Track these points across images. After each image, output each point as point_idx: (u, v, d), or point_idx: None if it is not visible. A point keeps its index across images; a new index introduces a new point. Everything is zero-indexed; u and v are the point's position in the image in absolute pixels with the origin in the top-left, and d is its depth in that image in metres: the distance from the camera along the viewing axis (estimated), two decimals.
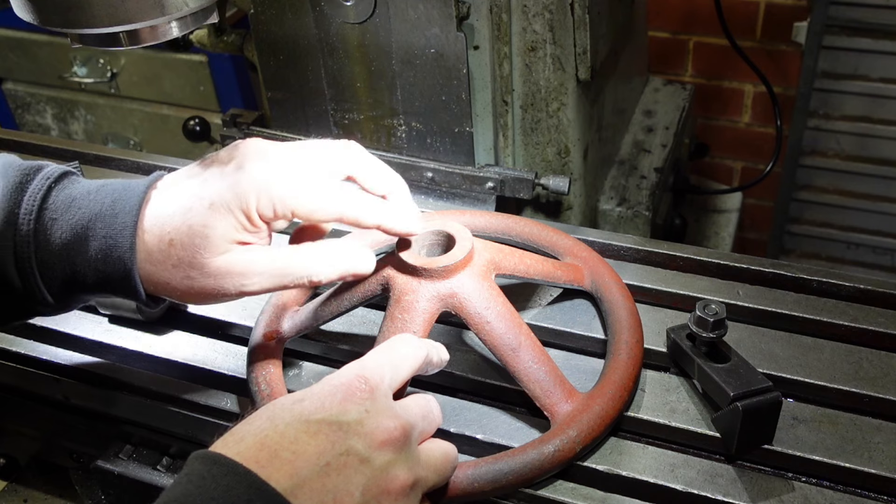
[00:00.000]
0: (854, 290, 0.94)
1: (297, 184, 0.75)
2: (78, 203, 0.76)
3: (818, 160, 2.39)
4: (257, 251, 0.76)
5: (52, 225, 0.75)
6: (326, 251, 0.78)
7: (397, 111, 1.20)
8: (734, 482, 0.77)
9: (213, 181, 0.75)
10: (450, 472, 0.73)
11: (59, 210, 0.75)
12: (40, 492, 1.08)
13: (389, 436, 0.66)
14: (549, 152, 1.26)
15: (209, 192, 0.74)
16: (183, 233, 0.73)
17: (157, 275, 0.75)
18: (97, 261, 0.74)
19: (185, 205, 0.74)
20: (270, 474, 0.60)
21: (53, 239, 0.75)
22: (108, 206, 0.75)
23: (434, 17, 1.09)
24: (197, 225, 0.73)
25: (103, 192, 0.76)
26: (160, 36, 0.76)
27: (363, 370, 0.70)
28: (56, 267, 0.75)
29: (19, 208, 0.75)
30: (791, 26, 2.22)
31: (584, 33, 1.13)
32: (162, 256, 0.74)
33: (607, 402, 0.80)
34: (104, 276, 0.75)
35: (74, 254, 0.75)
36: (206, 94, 2.37)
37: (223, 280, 0.75)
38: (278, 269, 0.76)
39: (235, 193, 0.73)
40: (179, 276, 0.74)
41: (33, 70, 2.60)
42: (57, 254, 0.75)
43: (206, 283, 0.75)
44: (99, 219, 0.74)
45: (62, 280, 0.76)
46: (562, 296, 0.97)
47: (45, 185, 0.76)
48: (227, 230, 0.74)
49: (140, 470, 0.92)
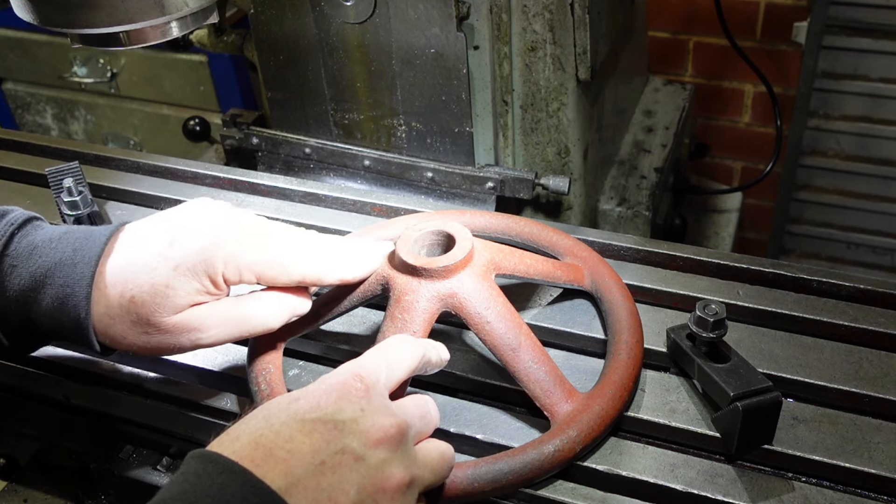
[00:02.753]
0: (854, 290, 0.94)
1: (258, 250, 0.77)
2: (39, 251, 0.77)
3: (818, 160, 2.39)
4: (212, 304, 0.77)
5: (11, 272, 0.76)
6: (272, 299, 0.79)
7: (397, 111, 1.20)
8: (734, 482, 0.77)
9: (179, 243, 0.76)
10: (447, 472, 0.73)
11: (21, 257, 0.76)
12: (40, 492, 1.08)
13: (385, 434, 0.66)
14: (549, 152, 1.26)
15: (175, 254, 0.75)
16: (145, 291, 0.74)
17: (113, 328, 0.76)
18: (52, 309, 0.75)
19: (149, 264, 0.75)
20: (265, 473, 0.60)
21: (11, 286, 0.76)
22: (69, 255, 0.76)
23: (434, 17, 1.09)
24: (159, 285, 0.74)
25: (65, 241, 0.77)
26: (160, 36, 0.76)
27: (359, 369, 0.70)
28: (11, 314, 0.76)
29: None
30: (791, 26, 2.22)
31: (584, 33, 1.13)
32: (121, 311, 0.75)
33: (607, 402, 0.80)
34: (58, 324, 0.76)
35: (31, 301, 0.76)
36: (206, 94, 2.37)
37: (179, 336, 0.76)
38: (234, 319, 0.78)
39: (202, 259, 0.75)
40: (137, 332, 0.76)
41: (33, 70, 2.60)
42: (14, 300, 0.76)
43: (163, 340, 0.76)
44: (58, 268, 0.75)
45: (17, 327, 0.77)
46: (562, 296, 0.97)
47: (8, 231, 0.77)
48: (189, 292, 0.75)
49: (140, 470, 0.92)
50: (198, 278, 0.75)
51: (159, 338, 0.76)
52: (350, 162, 1.27)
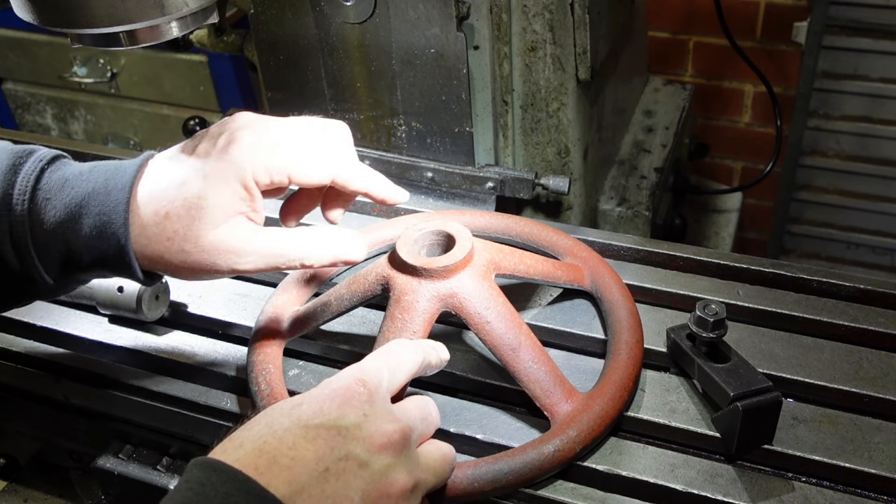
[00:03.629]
0: (854, 290, 0.94)
1: (290, 150, 0.77)
2: (71, 183, 0.76)
3: (818, 160, 2.39)
4: (253, 230, 0.76)
5: (45, 205, 0.75)
6: (320, 236, 0.79)
7: (397, 111, 1.20)
8: (734, 482, 0.77)
9: (207, 153, 0.76)
10: (448, 473, 0.73)
11: (53, 190, 0.76)
12: (40, 492, 1.08)
13: (389, 439, 0.66)
14: (549, 152, 1.26)
15: (203, 163, 0.75)
16: (178, 205, 0.74)
17: (150, 248, 0.75)
18: (91, 238, 0.75)
19: (179, 178, 0.75)
20: (269, 481, 0.59)
21: (48, 218, 0.75)
22: (101, 185, 0.75)
23: (434, 17, 1.09)
24: (192, 197, 0.74)
25: (96, 172, 0.77)
26: (160, 36, 0.76)
27: (362, 373, 0.70)
28: (51, 246, 0.75)
29: (13, 189, 0.75)
30: (791, 26, 2.22)
31: (584, 33, 1.13)
32: (157, 230, 0.74)
33: (607, 402, 0.80)
34: (99, 252, 0.75)
35: (69, 232, 0.75)
36: (206, 94, 2.37)
37: (217, 256, 0.75)
38: (273, 250, 0.76)
39: (230, 162, 0.74)
40: (174, 250, 0.74)
41: (33, 70, 2.60)
42: (52, 233, 0.75)
43: (200, 258, 0.75)
44: (92, 197, 0.75)
45: (59, 260, 0.76)
46: (562, 296, 0.97)
47: (38, 166, 0.76)
48: (223, 201, 0.74)
49: (140, 470, 0.92)
50: (229, 185, 0.74)
51: (197, 256, 0.74)
52: None
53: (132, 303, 0.96)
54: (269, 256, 0.77)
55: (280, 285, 0.97)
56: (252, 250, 0.76)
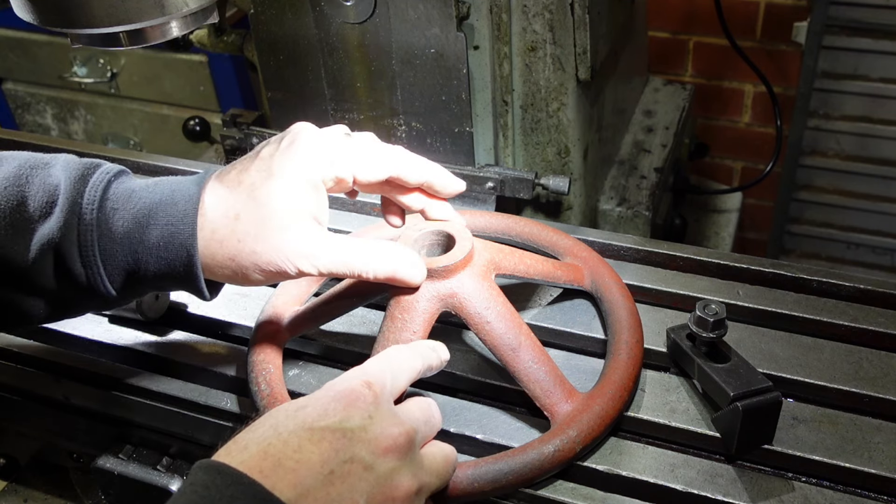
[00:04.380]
0: (854, 290, 0.94)
1: (352, 148, 0.79)
2: (138, 194, 0.77)
3: (818, 160, 2.39)
4: (323, 234, 0.77)
5: (113, 214, 0.76)
6: (384, 251, 0.80)
7: (397, 111, 1.20)
8: (734, 482, 0.77)
9: (271, 155, 0.77)
10: (451, 474, 0.73)
11: (121, 200, 0.76)
12: (40, 492, 1.08)
13: (394, 443, 0.66)
14: (549, 152, 1.26)
15: (269, 164, 0.76)
16: (249, 206, 0.75)
17: (222, 252, 0.75)
18: (159, 248, 0.75)
19: (246, 180, 0.76)
20: (274, 484, 0.59)
21: (115, 227, 0.75)
22: (168, 195, 0.76)
23: (434, 17, 1.09)
24: (262, 196, 0.75)
25: (162, 185, 0.77)
26: (160, 36, 0.76)
27: (366, 376, 0.70)
28: (118, 255, 0.76)
29: (82, 198, 0.75)
30: (791, 26, 2.22)
31: (584, 33, 1.13)
32: (227, 232, 0.75)
33: (607, 402, 0.80)
34: (166, 263, 0.75)
35: (136, 241, 0.75)
36: (206, 94, 2.37)
37: (287, 256, 0.75)
38: (339, 257, 0.77)
39: (296, 160, 0.76)
40: (246, 252, 0.75)
41: (33, 70, 2.60)
42: (119, 242, 0.75)
43: (271, 259, 0.75)
44: (160, 207, 0.75)
45: (124, 269, 0.76)
46: (562, 296, 0.97)
47: (106, 178, 0.77)
48: (292, 199, 0.75)
49: (140, 470, 0.92)
50: (296, 182, 0.75)
51: (267, 257, 0.75)
52: None
53: (132, 303, 0.96)
54: (335, 263, 0.77)
55: (280, 285, 0.97)
56: (321, 254, 0.76)
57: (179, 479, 0.91)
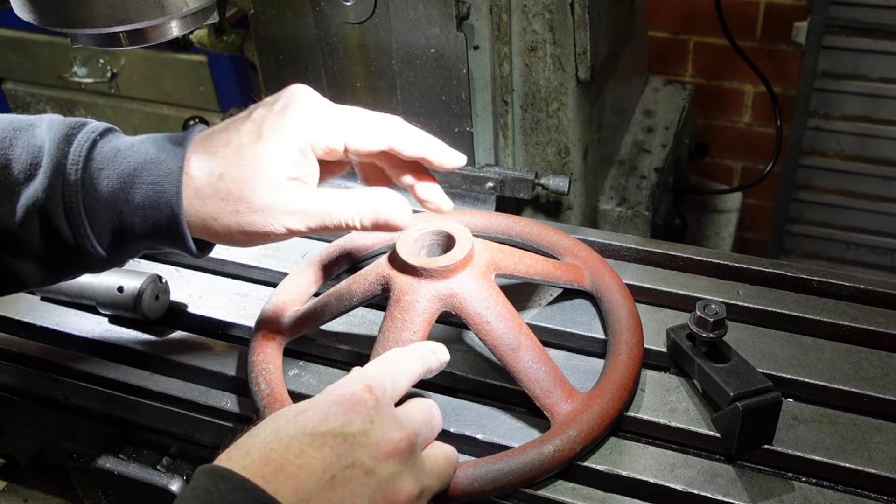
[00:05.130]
0: (854, 290, 0.94)
1: (346, 117, 0.78)
2: (123, 153, 0.76)
3: (818, 160, 2.39)
4: (306, 190, 0.76)
5: (98, 174, 0.75)
6: (368, 198, 0.78)
7: (397, 111, 1.20)
8: (734, 482, 0.77)
9: (263, 117, 0.76)
10: (452, 476, 0.73)
11: (106, 160, 0.76)
12: (40, 492, 1.08)
13: (395, 447, 0.66)
14: (549, 152, 1.26)
15: (260, 127, 0.75)
16: (233, 165, 0.74)
17: (204, 210, 0.75)
18: (144, 207, 0.75)
19: (234, 140, 0.75)
20: (277, 489, 0.59)
21: (101, 187, 0.75)
22: (154, 154, 0.75)
23: (434, 17, 1.09)
24: (247, 157, 0.74)
25: (147, 143, 0.77)
26: (160, 36, 0.76)
27: (367, 379, 0.70)
28: (104, 215, 0.75)
29: (66, 158, 0.75)
30: (791, 26, 2.22)
31: (584, 33, 1.13)
32: (211, 191, 0.74)
33: (607, 402, 0.80)
34: (152, 222, 0.75)
35: (121, 202, 0.75)
36: (206, 94, 2.37)
37: (270, 215, 0.75)
38: (324, 209, 0.76)
39: (286, 126, 0.75)
40: (228, 210, 0.74)
41: (33, 70, 2.60)
42: (104, 202, 0.75)
43: (254, 219, 0.75)
44: (144, 167, 0.75)
45: (110, 229, 0.76)
46: (562, 296, 0.97)
47: (91, 137, 0.77)
48: (278, 162, 0.75)
49: (140, 470, 0.92)
50: (284, 147, 0.75)
51: (250, 217, 0.74)
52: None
53: (132, 303, 0.96)
54: (320, 215, 0.76)
55: (280, 285, 0.97)
56: (304, 210, 0.76)
57: (179, 479, 0.91)
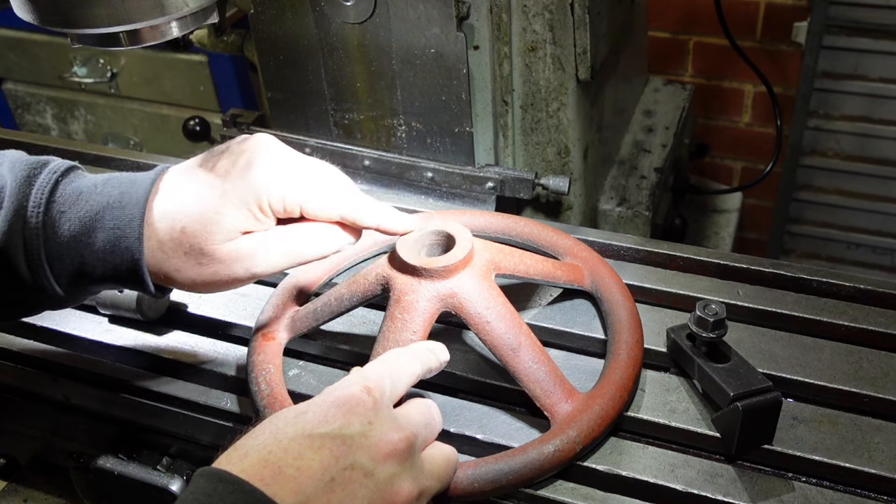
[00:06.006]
0: (854, 290, 0.94)
1: (306, 182, 0.78)
2: (85, 196, 0.76)
3: (818, 160, 2.39)
4: (264, 234, 0.78)
5: (60, 217, 0.76)
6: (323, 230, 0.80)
7: (397, 111, 1.20)
8: (734, 482, 0.77)
9: (227, 171, 0.76)
10: (452, 476, 0.73)
11: (67, 203, 0.76)
12: (40, 492, 1.08)
13: (394, 448, 0.66)
14: (549, 152, 1.26)
15: (222, 182, 0.76)
16: (195, 220, 0.74)
17: (167, 263, 0.75)
18: (105, 252, 0.75)
19: (197, 193, 0.76)
20: (276, 492, 0.59)
21: (62, 231, 0.75)
22: (116, 199, 0.75)
23: (434, 17, 1.09)
24: (209, 212, 0.74)
25: (110, 185, 0.77)
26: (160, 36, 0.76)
27: (366, 381, 0.70)
28: (65, 259, 0.76)
29: (28, 201, 0.75)
30: (791, 26, 2.22)
31: (584, 33, 1.13)
32: (173, 244, 0.75)
33: (607, 402, 0.80)
34: (112, 266, 0.75)
35: (82, 246, 0.75)
36: (206, 94, 2.37)
37: (233, 265, 0.76)
38: (287, 250, 0.78)
39: (247, 187, 0.75)
40: (191, 264, 0.75)
41: (33, 70, 2.60)
42: (65, 245, 0.75)
43: (218, 270, 0.76)
44: (107, 210, 0.75)
45: (70, 272, 0.76)
46: (562, 296, 0.97)
47: (53, 178, 0.77)
48: (238, 219, 0.76)
49: (140, 470, 0.92)
50: (245, 205, 0.75)
51: (214, 268, 0.76)
52: (350, 162, 1.27)
53: (132, 303, 0.96)
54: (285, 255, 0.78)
55: (280, 285, 0.97)
56: (266, 252, 0.77)
57: (179, 479, 0.91)
